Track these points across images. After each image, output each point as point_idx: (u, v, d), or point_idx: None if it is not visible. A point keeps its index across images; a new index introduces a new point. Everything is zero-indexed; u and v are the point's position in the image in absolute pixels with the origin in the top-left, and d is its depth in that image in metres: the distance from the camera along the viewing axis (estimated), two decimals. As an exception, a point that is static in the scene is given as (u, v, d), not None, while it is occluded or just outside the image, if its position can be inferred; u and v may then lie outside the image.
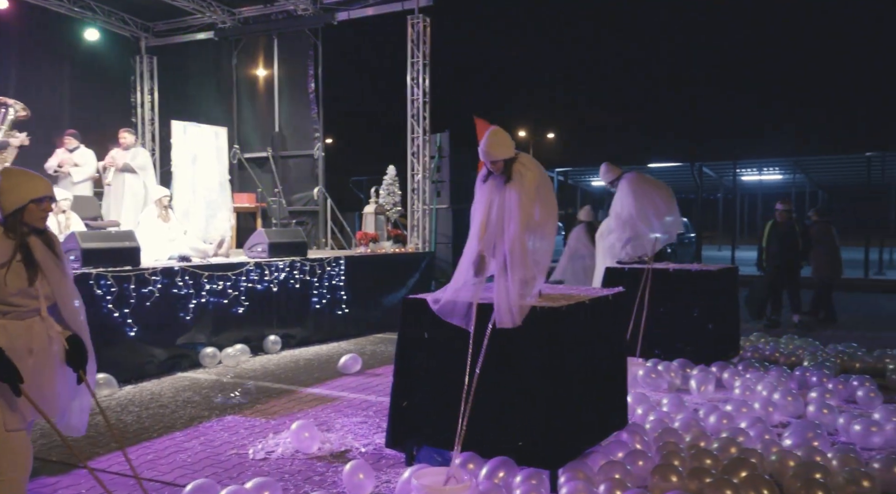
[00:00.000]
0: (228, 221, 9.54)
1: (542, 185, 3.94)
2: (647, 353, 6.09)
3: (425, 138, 10.31)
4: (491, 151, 3.87)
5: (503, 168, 3.89)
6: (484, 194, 3.96)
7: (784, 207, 8.83)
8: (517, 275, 3.74)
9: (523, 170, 3.88)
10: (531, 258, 3.84)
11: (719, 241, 26.48)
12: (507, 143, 3.90)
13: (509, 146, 3.90)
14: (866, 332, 8.43)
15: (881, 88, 25.51)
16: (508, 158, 3.89)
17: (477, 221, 3.92)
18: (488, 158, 3.88)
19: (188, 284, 6.49)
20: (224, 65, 12.26)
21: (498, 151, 3.87)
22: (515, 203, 3.79)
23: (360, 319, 8.38)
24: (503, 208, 3.83)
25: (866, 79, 26.78)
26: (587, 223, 9.18)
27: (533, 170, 3.90)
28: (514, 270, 3.75)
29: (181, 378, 6.16)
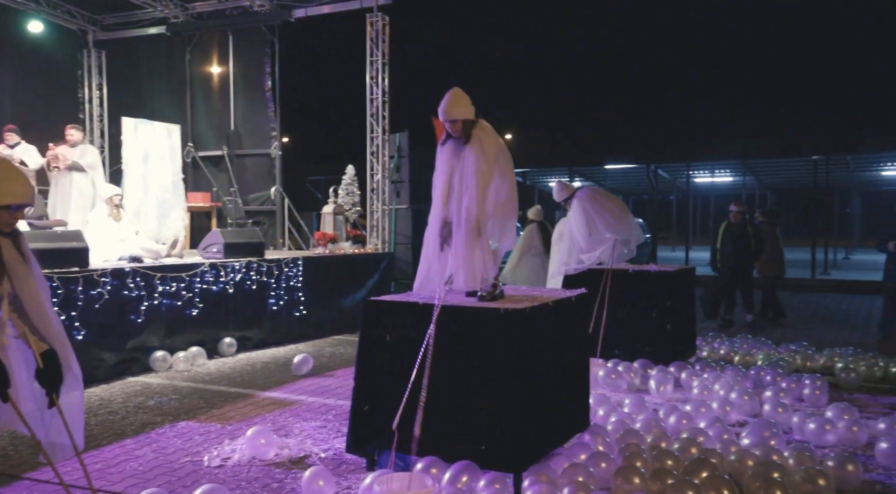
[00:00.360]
0: (182, 220, 9.30)
1: (501, 152, 3.89)
2: (607, 354, 6.14)
3: (384, 138, 10.22)
4: (450, 109, 3.78)
5: (462, 130, 3.80)
6: (444, 160, 3.88)
7: (738, 208, 9.02)
8: (478, 239, 3.71)
9: (482, 134, 3.81)
10: (492, 223, 3.82)
11: (673, 242, 27.03)
12: (467, 103, 3.82)
13: (469, 108, 3.82)
14: (814, 331, 8.67)
15: (828, 96, 26.41)
16: (467, 119, 3.80)
17: (439, 188, 3.86)
18: (447, 116, 3.79)
19: (140, 285, 6.28)
20: (177, 61, 11.94)
21: (457, 110, 3.78)
22: (473, 167, 3.73)
23: (318, 320, 8.25)
24: (462, 174, 3.76)
25: (814, 86, 27.67)
26: (538, 223, 9.20)
27: (492, 136, 3.85)
28: (474, 234, 3.72)
29: (132, 383, 5.95)
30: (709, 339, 7.27)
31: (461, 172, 3.78)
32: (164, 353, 6.39)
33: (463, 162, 3.79)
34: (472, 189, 3.73)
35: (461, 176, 3.78)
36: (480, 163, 3.74)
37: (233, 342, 7.07)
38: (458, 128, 3.81)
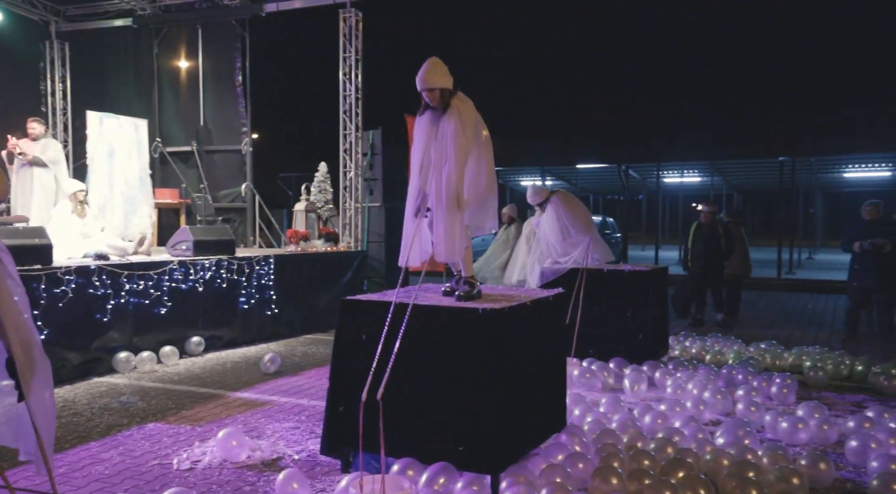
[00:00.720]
0: (149, 217, 9.12)
1: (479, 124, 3.85)
2: (581, 353, 6.15)
3: (358, 135, 10.13)
4: (427, 77, 3.71)
5: (440, 99, 3.73)
6: (422, 131, 3.82)
7: (708, 208, 9.13)
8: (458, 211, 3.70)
9: (461, 105, 3.75)
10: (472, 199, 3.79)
11: (643, 240, 27.35)
12: (446, 73, 3.76)
13: (448, 77, 3.76)
14: (782, 330, 8.81)
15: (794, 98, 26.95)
16: (446, 88, 3.74)
17: (416, 160, 3.82)
18: (425, 84, 3.72)
19: (106, 284, 6.12)
20: (144, 54, 11.68)
21: (435, 79, 3.71)
22: (452, 138, 3.68)
23: (290, 319, 8.14)
24: (441, 145, 3.70)
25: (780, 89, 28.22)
26: (515, 222, 9.24)
27: (471, 108, 3.80)
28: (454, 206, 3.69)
29: (97, 384, 5.79)
30: (680, 338, 7.33)
31: (440, 142, 3.71)
32: (128, 354, 6.22)
33: (441, 133, 3.72)
34: (452, 160, 3.68)
35: (440, 146, 3.71)
36: (459, 134, 3.68)
37: (201, 341, 6.93)
38: (435, 97, 3.74)
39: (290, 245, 9.02)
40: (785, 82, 27.99)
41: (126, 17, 11.58)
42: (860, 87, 27.28)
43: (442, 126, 3.73)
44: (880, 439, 3.95)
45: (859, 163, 20.36)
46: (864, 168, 20.92)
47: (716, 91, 29.23)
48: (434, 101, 3.75)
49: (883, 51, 28.13)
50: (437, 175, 3.73)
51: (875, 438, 3.95)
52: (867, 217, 8.20)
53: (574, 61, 32.05)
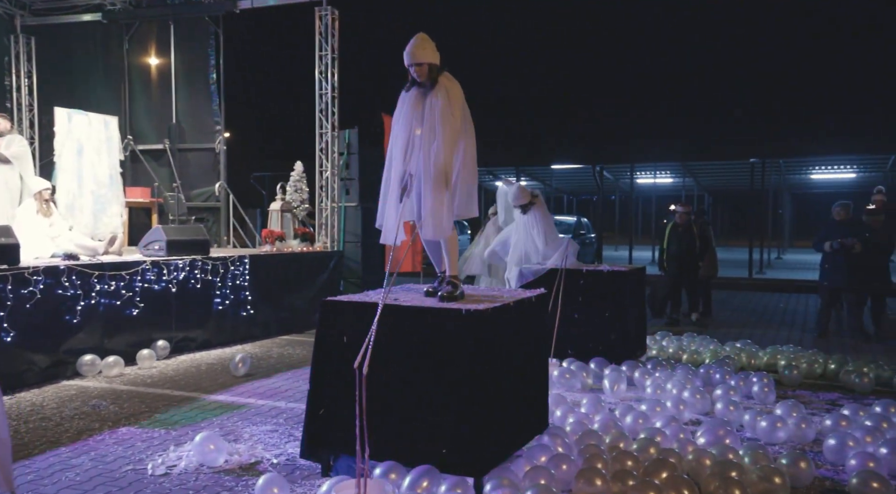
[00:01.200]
0: (120, 216, 8.92)
1: (465, 105, 3.81)
2: (560, 353, 6.15)
3: (334, 134, 10.03)
4: (415, 51, 3.66)
5: (427, 74, 3.68)
6: (407, 109, 3.75)
7: (683, 209, 9.22)
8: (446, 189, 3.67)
9: (449, 84, 3.72)
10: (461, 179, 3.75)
11: (616, 241, 27.58)
12: (434, 49, 3.72)
13: (436, 53, 3.72)
14: (755, 329, 8.92)
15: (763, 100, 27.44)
16: (434, 64, 3.69)
17: (400, 140, 3.75)
18: (413, 59, 3.67)
19: (75, 284, 5.96)
20: (114, 50, 11.43)
21: (423, 54, 3.67)
22: (440, 115, 3.63)
23: (265, 320, 8.03)
24: (429, 121, 3.65)
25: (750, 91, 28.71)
26: None
27: (459, 89, 3.76)
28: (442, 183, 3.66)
29: (66, 387, 5.64)
30: (657, 338, 7.38)
31: (428, 119, 3.66)
32: (93, 357, 6.00)
33: (429, 109, 3.66)
34: (440, 137, 3.63)
35: (428, 123, 3.66)
36: (447, 112, 3.64)
37: (166, 345, 6.70)
38: (423, 71, 3.68)
39: (266, 245, 8.90)
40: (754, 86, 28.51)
41: (95, 11, 11.33)
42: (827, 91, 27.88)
43: (429, 102, 3.68)
44: (857, 437, 4.00)
45: (825, 165, 20.77)
46: (829, 170, 21.36)
47: (688, 94, 29.66)
48: (422, 76, 3.70)
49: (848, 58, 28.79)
50: (425, 152, 3.67)
51: (852, 436, 4.00)
52: (837, 218, 8.34)
53: (549, 64, 32.25)
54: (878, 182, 17.25)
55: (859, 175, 21.55)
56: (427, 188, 3.67)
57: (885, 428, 4.22)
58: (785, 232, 28.88)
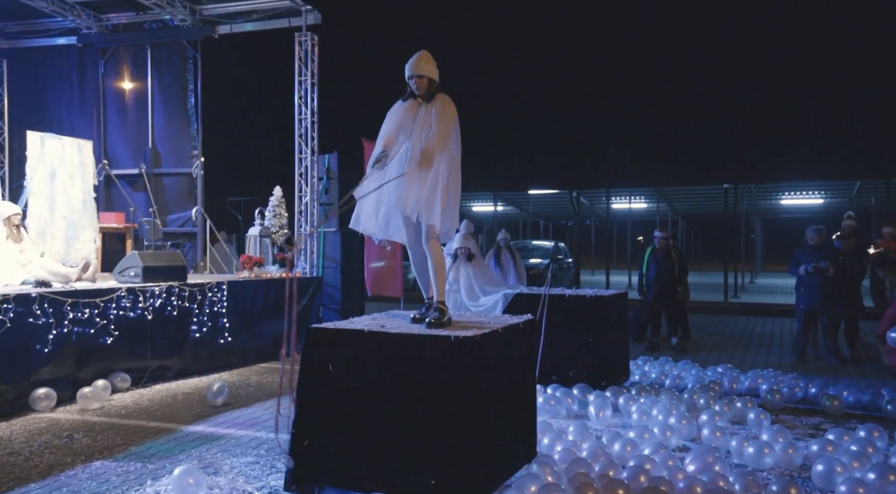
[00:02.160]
0: (94, 242, 8.74)
1: (458, 127, 3.89)
2: (544, 379, 6.10)
3: (314, 159, 9.99)
4: (419, 63, 3.79)
5: (427, 87, 3.80)
6: (397, 114, 3.82)
7: (662, 234, 9.30)
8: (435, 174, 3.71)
9: (445, 102, 3.82)
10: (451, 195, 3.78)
11: (592, 265, 27.75)
12: (435, 66, 3.84)
13: (436, 70, 3.84)
14: (734, 353, 8.98)
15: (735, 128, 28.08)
16: (433, 79, 3.82)
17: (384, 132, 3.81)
18: (415, 71, 3.78)
19: (47, 312, 5.79)
20: (89, 74, 11.31)
21: (425, 67, 3.80)
22: (435, 119, 3.72)
23: (243, 348, 7.87)
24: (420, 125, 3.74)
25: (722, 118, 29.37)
26: None
27: (454, 108, 3.85)
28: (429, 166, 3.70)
29: (36, 419, 5.44)
30: (639, 363, 7.38)
31: (420, 125, 3.74)
32: (48, 390, 5.65)
33: (423, 117, 3.75)
34: (434, 132, 3.71)
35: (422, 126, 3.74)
36: (443, 119, 3.73)
37: (126, 377, 6.41)
38: (423, 84, 3.80)
39: (244, 271, 8.77)
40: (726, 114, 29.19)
41: (70, 35, 11.23)
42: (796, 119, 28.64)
43: (423, 110, 3.77)
44: (844, 462, 4.00)
45: (794, 190, 21.23)
46: (798, 196, 21.82)
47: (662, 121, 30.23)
48: (421, 88, 3.81)
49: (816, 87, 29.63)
50: (416, 141, 3.75)
51: (839, 461, 4.00)
52: (811, 243, 8.47)
53: (526, 90, 32.68)
54: (844, 208, 17.66)
55: (827, 201, 22.03)
56: (412, 166, 3.72)
57: (870, 453, 4.23)
58: (757, 257, 29.33)
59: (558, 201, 22.67)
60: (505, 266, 8.91)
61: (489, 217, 23.91)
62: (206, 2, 10.57)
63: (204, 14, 10.76)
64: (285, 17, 10.34)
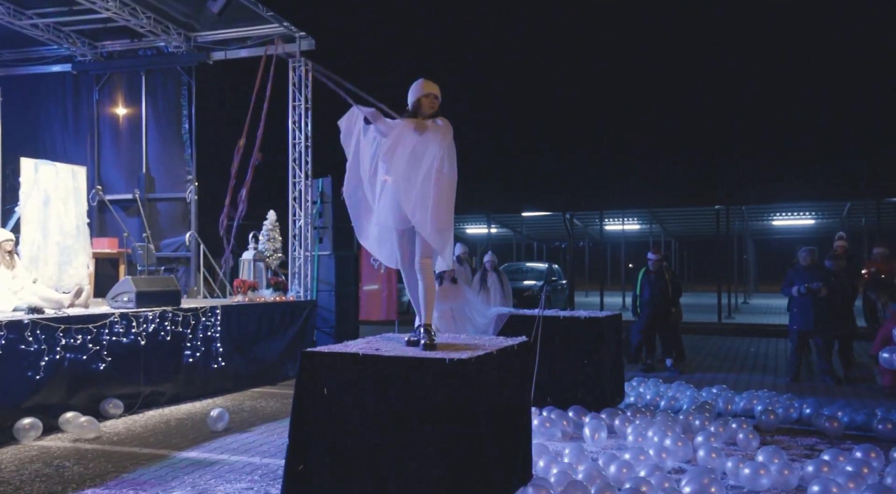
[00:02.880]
0: (87, 267, 8.72)
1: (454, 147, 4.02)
2: (539, 401, 6.08)
3: (307, 183, 10.03)
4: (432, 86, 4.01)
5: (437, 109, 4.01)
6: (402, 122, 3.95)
7: (656, 256, 9.35)
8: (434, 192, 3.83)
9: (447, 122, 3.98)
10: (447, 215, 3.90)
11: (586, 287, 27.78)
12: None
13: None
14: (729, 374, 8.98)
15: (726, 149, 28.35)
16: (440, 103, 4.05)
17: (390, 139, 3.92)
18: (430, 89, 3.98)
19: (39, 339, 5.76)
20: (84, 100, 11.36)
21: (436, 89, 4.02)
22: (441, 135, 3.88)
23: (237, 372, 7.83)
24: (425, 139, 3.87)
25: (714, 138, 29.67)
26: None
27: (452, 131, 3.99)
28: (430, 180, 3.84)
29: (27, 448, 5.38)
30: (634, 384, 7.37)
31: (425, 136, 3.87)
32: (34, 419, 5.55)
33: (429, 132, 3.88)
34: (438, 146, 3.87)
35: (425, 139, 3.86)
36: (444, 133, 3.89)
37: (118, 404, 6.38)
38: (436, 105, 4.01)
39: (238, 295, 8.76)
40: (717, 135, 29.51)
41: (65, 62, 11.30)
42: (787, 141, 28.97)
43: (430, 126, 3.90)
44: (840, 483, 4.00)
45: (786, 211, 21.39)
46: (790, 216, 21.98)
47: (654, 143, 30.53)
48: (433, 108, 3.99)
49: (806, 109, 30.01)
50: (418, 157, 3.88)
51: (835, 482, 3.99)
52: (804, 263, 8.53)
53: (518, 112, 32.97)
54: (836, 228, 17.79)
55: (818, 222, 22.20)
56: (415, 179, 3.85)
57: (866, 473, 4.23)
58: (750, 277, 29.42)
59: (552, 222, 22.77)
60: (491, 288, 8.93)
61: (483, 239, 23.97)
62: (200, 29, 10.67)
63: (198, 41, 10.86)
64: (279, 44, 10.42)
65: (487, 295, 8.77)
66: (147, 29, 10.18)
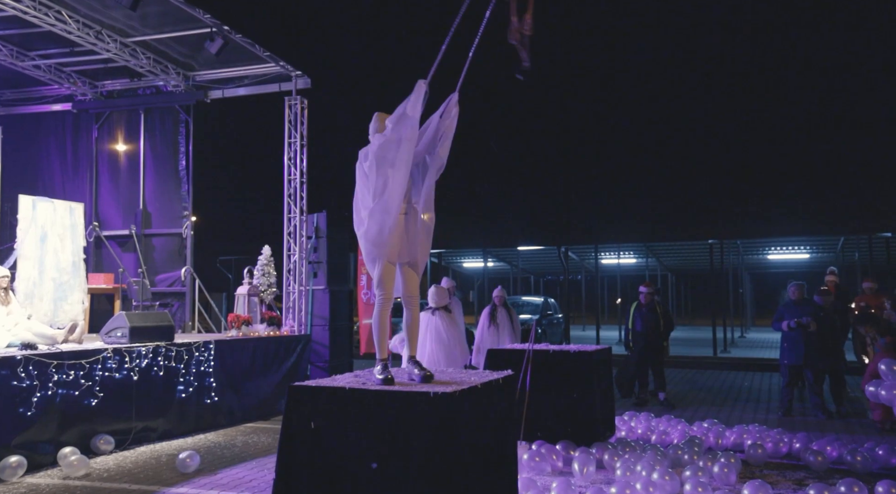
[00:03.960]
0: (81, 303, 8.77)
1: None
2: (529, 436, 6.10)
3: (302, 219, 10.15)
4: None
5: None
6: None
7: (647, 289, 9.42)
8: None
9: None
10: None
11: (583, 321, 27.78)
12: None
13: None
14: (722, 408, 8.98)
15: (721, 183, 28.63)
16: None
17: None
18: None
19: (32, 374, 5.79)
20: (83, 137, 11.56)
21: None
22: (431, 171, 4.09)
23: (230, 408, 7.83)
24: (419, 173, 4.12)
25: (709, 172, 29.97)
26: None
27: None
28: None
29: (16, 486, 5.38)
30: (626, 418, 7.38)
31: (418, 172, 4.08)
32: (20, 458, 5.50)
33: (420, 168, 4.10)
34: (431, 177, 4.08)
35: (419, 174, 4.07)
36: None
37: (109, 440, 6.37)
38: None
39: (232, 330, 8.80)
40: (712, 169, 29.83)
41: (65, 102, 11.52)
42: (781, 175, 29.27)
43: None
44: (824, 516, 4.02)
45: (780, 246, 21.55)
46: (784, 251, 22.13)
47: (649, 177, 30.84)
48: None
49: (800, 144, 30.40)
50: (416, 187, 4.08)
51: (819, 515, 4.01)
52: (793, 298, 8.61)
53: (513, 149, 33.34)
54: (830, 263, 17.90)
55: (812, 256, 22.34)
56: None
57: (851, 506, 4.25)
58: (747, 311, 29.46)
59: (548, 256, 22.88)
60: (501, 324, 8.55)
61: (479, 273, 24.07)
62: (198, 68, 10.91)
63: (196, 80, 11.09)
64: (276, 82, 10.68)
65: (497, 331, 8.44)
66: (147, 69, 10.42)
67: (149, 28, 9.59)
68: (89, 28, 9.25)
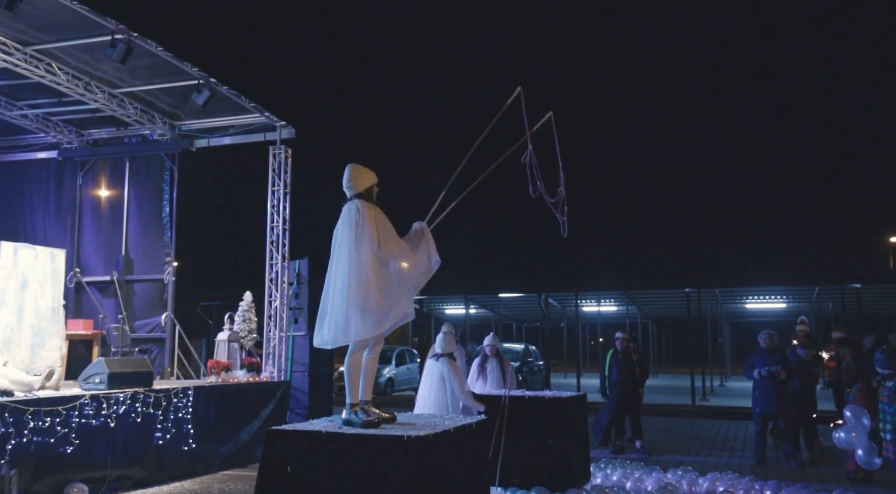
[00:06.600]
0: (59, 350, 8.73)
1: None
2: (505, 482, 6.15)
3: (284, 265, 10.26)
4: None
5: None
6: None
7: (623, 335, 9.59)
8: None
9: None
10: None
11: (564, 368, 27.80)
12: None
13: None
14: (697, 455, 9.07)
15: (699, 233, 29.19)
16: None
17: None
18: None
19: (7, 422, 5.78)
20: (67, 184, 11.63)
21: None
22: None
23: (208, 455, 7.79)
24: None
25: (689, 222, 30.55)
26: None
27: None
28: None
29: (-12, 533, 5.33)
30: (601, 465, 7.44)
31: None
32: None
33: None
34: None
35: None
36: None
37: (83, 488, 6.30)
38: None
39: (211, 376, 8.80)
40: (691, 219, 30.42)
41: (51, 149, 11.64)
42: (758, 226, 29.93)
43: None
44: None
45: (757, 295, 21.90)
46: (761, 300, 22.48)
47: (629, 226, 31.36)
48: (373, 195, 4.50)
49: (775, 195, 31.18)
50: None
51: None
52: (763, 346, 8.81)
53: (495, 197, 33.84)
54: (806, 312, 18.22)
55: (789, 305, 22.70)
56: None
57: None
58: (727, 359, 29.63)
59: (529, 303, 23.03)
60: (490, 376, 7.87)
61: (461, 320, 24.12)
62: (185, 118, 11.13)
63: (183, 129, 11.30)
64: (261, 132, 10.89)
65: (485, 382, 7.84)
66: (134, 118, 10.62)
67: (137, 80, 9.83)
68: (78, 79, 9.47)
